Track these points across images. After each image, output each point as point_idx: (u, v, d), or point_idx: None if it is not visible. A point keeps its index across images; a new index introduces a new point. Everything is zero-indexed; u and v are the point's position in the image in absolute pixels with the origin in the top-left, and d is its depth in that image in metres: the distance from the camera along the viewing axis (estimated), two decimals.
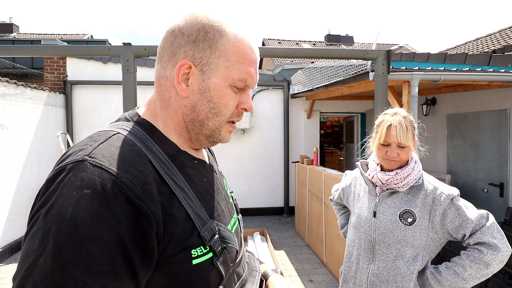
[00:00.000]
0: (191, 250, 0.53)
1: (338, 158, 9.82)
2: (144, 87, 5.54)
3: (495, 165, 3.85)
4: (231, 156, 5.92)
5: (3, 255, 3.96)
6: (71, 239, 0.43)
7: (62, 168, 0.48)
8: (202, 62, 0.58)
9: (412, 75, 2.97)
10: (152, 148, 0.56)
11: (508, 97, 3.71)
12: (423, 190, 1.26)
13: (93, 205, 0.44)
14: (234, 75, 0.59)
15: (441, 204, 1.21)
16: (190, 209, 0.55)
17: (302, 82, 5.15)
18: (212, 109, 0.60)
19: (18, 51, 2.57)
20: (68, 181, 0.46)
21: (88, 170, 0.47)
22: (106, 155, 0.49)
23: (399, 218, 1.25)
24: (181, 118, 0.61)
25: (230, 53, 0.59)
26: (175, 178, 0.56)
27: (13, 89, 4.23)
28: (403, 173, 1.26)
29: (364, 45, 15.61)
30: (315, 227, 4.17)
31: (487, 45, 5.96)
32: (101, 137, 0.54)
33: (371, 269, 1.29)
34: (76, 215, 0.44)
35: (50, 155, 5.04)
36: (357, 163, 1.45)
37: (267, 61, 13.64)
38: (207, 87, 0.59)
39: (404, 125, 1.25)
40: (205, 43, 0.58)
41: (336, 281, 3.44)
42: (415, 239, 1.22)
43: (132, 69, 2.44)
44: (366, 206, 1.36)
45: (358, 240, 1.37)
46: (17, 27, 13.49)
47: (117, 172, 0.48)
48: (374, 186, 1.36)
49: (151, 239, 0.48)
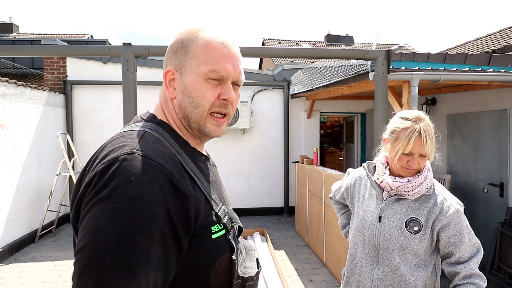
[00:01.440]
0: (211, 226, 0.63)
1: (338, 158, 9.82)
2: (144, 87, 5.54)
3: (495, 165, 3.84)
4: (231, 156, 5.92)
5: (3, 255, 3.96)
6: (137, 214, 0.52)
7: (114, 160, 0.56)
8: (180, 66, 0.70)
9: (412, 75, 2.97)
10: (172, 145, 0.67)
11: (508, 97, 3.71)
12: (432, 199, 1.23)
13: (150, 188, 0.54)
14: (204, 69, 0.68)
15: (448, 217, 1.19)
16: (207, 194, 0.66)
17: (302, 82, 5.15)
18: (192, 103, 0.69)
19: (18, 51, 2.58)
20: (123, 169, 0.55)
21: (139, 160, 0.56)
22: (148, 149, 0.59)
23: (405, 225, 1.22)
24: (176, 117, 0.72)
25: (199, 53, 0.68)
26: (193, 169, 0.67)
27: (13, 89, 4.23)
28: (416, 182, 1.22)
29: (364, 45, 15.61)
30: (315, 227, 4.17)
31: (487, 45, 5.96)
32: (135, 135, 0.63)
33: (376, 273, 1.27)
34: (139, 195, 0.53)
35: (50, 155, 5.04)
36: (363, 165, 1.42)
37: (267, 61, 13.64)
38: (185, 85, 0.69)
39: (431, 135, 1.21)
40: (182, 50, 0.70)
41: (336, 281, 3.44)
42: (419, 247, 1.21)
43: (132, 69, 2.44)
44: (371, 210, 1.32)
45: (361, 243, 1.34)
46: (17, 27, 13.49)
47: (161, 162, 0.58)
48: (381, 190, 1.31)
49: (190, 213, 0.59)
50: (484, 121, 3.99)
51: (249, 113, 5.60)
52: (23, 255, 4.17)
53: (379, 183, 1.29)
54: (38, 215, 4.70)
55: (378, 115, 2.56)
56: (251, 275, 0.68)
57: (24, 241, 4.39)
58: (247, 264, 0.73)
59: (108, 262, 0.50)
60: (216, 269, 0.63)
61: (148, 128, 0.67)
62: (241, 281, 0.66)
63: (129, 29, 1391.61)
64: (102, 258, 0.50)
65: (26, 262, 3.95)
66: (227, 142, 5.91)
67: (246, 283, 0.67)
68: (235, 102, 0.74)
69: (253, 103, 5.91)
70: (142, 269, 0.51)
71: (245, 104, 5.55)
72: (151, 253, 0.52)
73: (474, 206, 4.13)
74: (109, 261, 0.50)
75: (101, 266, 0.50)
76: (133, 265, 0.50)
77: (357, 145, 6.88)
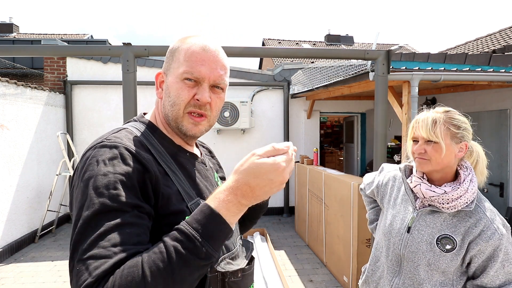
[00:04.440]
0: (184, 216, 0.65)
1: (338, 158, 9.82)
2: (144, 87, 5.54)
3: (495, 165, 3.84)
4: (231, 156, 5.92)
5: (3, 255, 3.96)
6: (103, 182, 0.60)
7: (87, 151, 0.66)
8: (167, 69, 0.77)
9: (412, 75, 2.97)
10: (151, 141, 0.73)
11: (508, 97, 3.71)
12: (474, 218, 1.08)
13: (114, 162, 0.62)
14: (181, 70, 0.73)
15: (488, 242, 1.04)
16: (180, 187, 0.70)
17: (302, 82, 5.15)
18: (170, 101, 0.75)
19: (18, 51, 2.57)
20: (94, 154, 0.64)
21: (106, 145, 0.65)
22: (118, 137, 0.68)
23: (436, 242, 1.10)
24: (162, 116, 0.79)
25: (180, 56, 0.74)
26: (168, 163, 0.72)
27: (13, 89, 4.23)
28: (453, 195, 1.07)
29: (364, 45, 15.61)
30: (315, 227, 4.17)
31: (487, 45, 5.96)
32: (114, 131, 0.72)
33: (396, 282, 1.19)
34: (104, 169, 0.61)
35: (50, 155, 5.04)
36: (400, 166, 1.29)
37: (267, 61, 13.64)
38: (167, 85, 0.76)
39: (432, 118, 1.11)
40: (170, 56, 0.77)
41: (336, 281, 3.44)
42: (448, 266, 1.08)
43: (132, 69, 2.44)
44: (401, 217, 1.21)
45: (386, 249, 1.25)
46: (17, 27, 13.49)
47: (127, 144, 0.66)
48: (415, 197, 1.20)
49: (149, 188, 0.64)
50: (484, 121, 3.98)
51: (249, 113, 5.60)
52: (23, 255, 4.17)
53: (413, 187, 1.18)
54: (38, 215, 4.70)
55: (378, 115, 2.56)
56: (231, 271, 0.69)
57: (24, 241, 4.39)
58: (235, 262, 0.74)
59: (85, 223, 0.57)
60: None
61: (130, 125, 0.75)
62: (220, 275, 0.67)
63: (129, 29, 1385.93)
64: (82, 220, 0.57)
65: (26, 262, 3.95)
66: (227, 142, 5.91)
67: (226, 278, 0.68)
68: (214, 104, 0.76)
69: (253, 103, 5.90)
70: (113, 224, 0.57)
71: (245, 104, 5.55)
72: (123, 212, 0.58)
73: None
74: (86, 222, 0.57)
75: (79, 228, 0.57)
76: (104, 222, 0.57)
77: (357, 145, 6.88)
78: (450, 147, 1.10)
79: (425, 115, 1.15)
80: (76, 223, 0.58)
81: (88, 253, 0.54)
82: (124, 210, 0.59)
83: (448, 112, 1.15)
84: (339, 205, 3.39)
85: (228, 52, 0.85)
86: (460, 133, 1.12)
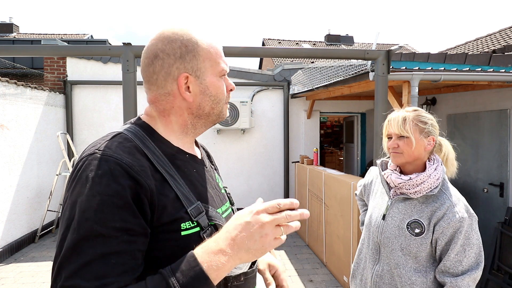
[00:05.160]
0: (180, 223, 0.65)
1: (338, 158, 9.82)
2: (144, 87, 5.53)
3: (495, 165, 3.85)
4: (231, 156, 5.92)
5: (3, 255, 3.96)
6: (90, 205, 0.58)
7: (79, 161, 0.64)
8: (194, 70, 0.73)
9: (412, 75, 2.97)
10: (147, 145, 0.70)
11: (508, 97, 3.71)
12: (439, 202, 1.19)
13: (104, 180, 0.59)
14: (218, 68, 0.76)
15: (449, 224, 1.13)
16: (179, 192, 0.68)
17: (302, 82, 5.15)
18: (214, 101, 0.76)
19: (18, 51, 2.57)
20: (84, 168, 0.62)
21: (97, 158, 0.62)
22: (111, 148, 0.64)
23: (407, 226, 1.20)
24: (185, 119, 0.77)
25: (209, 54, 0.74)
26: (166, 167, 0.69)
27: (13, 89, 4.23)
28: (417, 180, 1.19)
29: (364, 45, 15.61)
30: (315, 227, 4.17)
31: (487, 45, 5.96)
32: (108, 136, 0.69)
33: (376, 270, 1.29)
34: (93, 189, 0.59)
35: (50, 155, 5.04)
36: (377, 161, 1.42)
37: (267, 61, 13.64)
38: (206, 86, 0.75)
39: (402, 116, 1.26)
40: (189, 54, 0.72)
41: (336, 281, 3.44)
42: (419, 250, 1.18)
43: (132, 69, 2.44)
44: (378, 207, 1.34)
45: (367, 239, 1.37)
46: (17, 27, 13.49)
47: (119, 157, 0.62)
48: (389, 187, 1.31)
49: (145, 205, 0.62)
50: (484, 121, 3.99)
51: (249, 113, 5.60)
52: (23, 255, 4.17)
53: (386, 178, 1.30)
54: (38, 215, 4.70)
55: (378, 115, 2.56)
56: (233, 275, 0.68)
57: (24, 241, 4.39)
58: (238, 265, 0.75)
59: (66, 250, 0.56)
60: None
61: (125, 130, 0.72)
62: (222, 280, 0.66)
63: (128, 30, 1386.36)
64: (64, 246, 0.57)
65: (26, 262, 3.95)
66: (227, 142, 5.91)
67: (228, 282, 0.68)
68: None
69: (253, 103, 5.90)
70: (98, 253, 0.56)
71: (245, 104, 5.55)
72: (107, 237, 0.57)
73: (474, 206, 4.13)
74: (67, 249, 0.56)
75: (62, 254, 0.57)
76: (90, 250, 0.56)
77: (357, 145, 6.88)
78: (420, 141, 1.23)
79: (396, 114, 1.29)
80: (61, 242, 0.58)
81: (70, 281, 0.55)
82: (112, 236, 0.57)
83: (416, 111, 1.29)
84: (339, 205, 3.39)
85: (228, 52, 0.86)
86: (427, 128, 1.25)
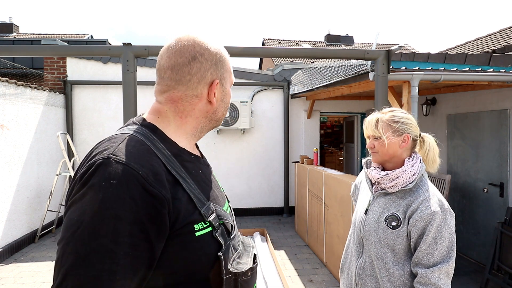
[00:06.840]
0: (193, 224, 0.66)
1: (338, 158, 9.82)
2: (144, 87, 5.54)
3: (495, 165, 3.84)
4: (231, 156, 5.92)
5: (3, 255, 3.96)
6: (102, 217, 0.56)
7: (92, 164, 0.61)
8: (221, 78, 0.79)
9: (412, 75, 2.97)
10: (158, 146, 0.69)
11: (508, 97, 3.71)
12: (414, 196, 1.23)
13: (118, 192, 0.57)
14: (231, 78, 0.84)
15: (421, 217, 1.17)
16: (191, 194, 0.69)
17: (302, 82, 5.15)
18: (226, 108, 0.84)
19: (18, 51, 2.57)
20: (98, 173, 0.59)
21: (113, 165, 0.59)
22: (125, 153, 0.62)
23: (385, 219, 1.26)
24: (199, 122, 0.79)
25: (229, 65, 0.82)
26: (178, 170, 0.69)
27: (13, 89, 4.23)
28: (392, 175, 1.25)
29: (364, 45, 15.61)
30: (315, 227, 4.17)
31: (487, 45, 5.96)
32: (119, 139, 0.67)
33: (359, 262, 1.34)
34: (106, 199, 0.56)
35: (50, 155, 5.04)
36: (363, 161, 1.48)
37: (267, 61, 13.64)
38: (225, 94, 0.82)
39: (375, 118, 1.32)
40: (220, 63, 0.78)
41: (336, 281, 3.44)
42: (396, 243, 1.22)
43: (132, 69, 2.44)
44: (362, 203, 1.41)
45: (353, 233, 1.43)
46: (17, 27, 13.49)
47: (135, 166, 0.61)
48: (371, 184, 1.38)
49: (164, 216, 0.61)
50: (484, 121, 3.98)
51: (249, 113, 5.60)
52: (23, 255, 4.17)
53: (368, 175, 1.37)
54: (38, 215, 4.70)
55: None
56: (243, 271, 0.70)
57: (24, 241, 4.39)
58: (242, 260, 0.76)
59: (73, 259, 0.55)
60: (202, 265, 0.67)
61: (135, 131, 0.70)
62: (233, 276, 0.68)
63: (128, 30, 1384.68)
64: (70, 254, 0.55)
65: (26, 262, 3.95)
66: (227, 142, 5.91)
67: (238, 278, 0.69)
68: None
69: (253, 103, 5.91)
70: (106, 268, 0.55)
71: (245, 104, 5.55)
72: (117, 253, 0.55)
73: (474, 206, 4.13)
74: (74, 259, 0.55)
75: (69, 262, 0.55)
76: (96, 264, 0.54)
77: (357, 145, 6.87)
78: (392, 140, 1.28)
79: (371, 116, 1.35)
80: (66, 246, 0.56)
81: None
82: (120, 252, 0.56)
83: (391, 111, 1.33)
84: (339, 205, 3.39)
85: (228, 52, 0.87)
86: (400, 127, 1.29)
